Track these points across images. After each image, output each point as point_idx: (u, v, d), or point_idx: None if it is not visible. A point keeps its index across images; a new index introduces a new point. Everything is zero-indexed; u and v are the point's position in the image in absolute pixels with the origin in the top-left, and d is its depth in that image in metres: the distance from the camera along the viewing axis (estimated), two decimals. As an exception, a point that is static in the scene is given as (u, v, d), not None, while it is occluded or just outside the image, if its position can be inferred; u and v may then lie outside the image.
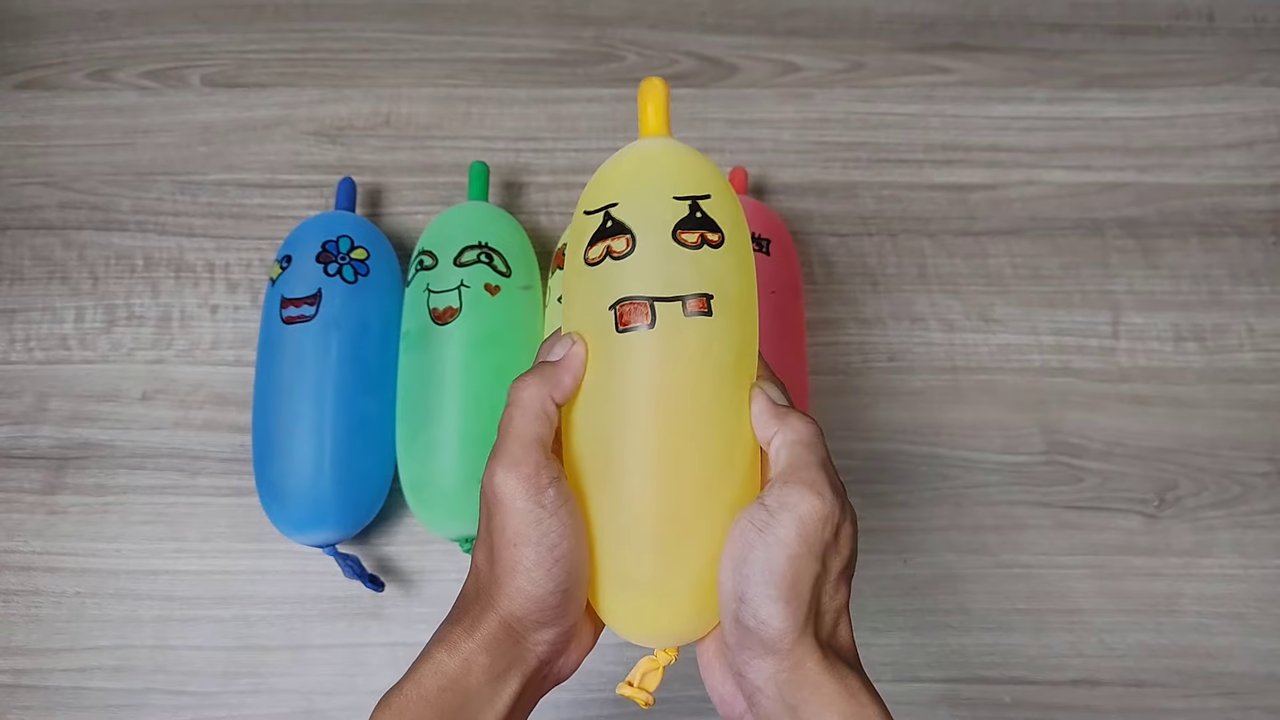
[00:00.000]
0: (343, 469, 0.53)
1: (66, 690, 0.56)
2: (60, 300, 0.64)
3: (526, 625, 0.33)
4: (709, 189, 0.35)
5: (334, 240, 0.56)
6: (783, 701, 0.31)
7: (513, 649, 0.33)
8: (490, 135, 0.68)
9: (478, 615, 0.33)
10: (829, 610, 0.33)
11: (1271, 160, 0.67)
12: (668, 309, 0.33)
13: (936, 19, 0.71)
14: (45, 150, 0.67)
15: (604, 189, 0.35)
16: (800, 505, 0.31)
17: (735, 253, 0.34)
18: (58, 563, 0.58)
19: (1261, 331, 0.63)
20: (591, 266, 0.34)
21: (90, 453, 0.60)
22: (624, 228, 0.33)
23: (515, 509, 0.32)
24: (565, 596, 0.32)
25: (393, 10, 0.71)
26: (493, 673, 0.32)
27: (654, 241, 0.33)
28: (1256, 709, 0.56)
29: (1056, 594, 0.58)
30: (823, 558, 0.31)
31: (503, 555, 0.32)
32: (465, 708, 0.32)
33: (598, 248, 0.34)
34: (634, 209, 0.34)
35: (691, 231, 0.33)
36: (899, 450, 0.60)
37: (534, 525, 0.31)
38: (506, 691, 0.33)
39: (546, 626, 0.33)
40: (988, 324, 0.63)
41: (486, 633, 0.32)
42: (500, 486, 0.32)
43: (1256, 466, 0.60)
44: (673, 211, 0.34)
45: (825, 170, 0.67)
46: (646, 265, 0.33)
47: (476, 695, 0.32)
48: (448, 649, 0.32)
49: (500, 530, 0.32)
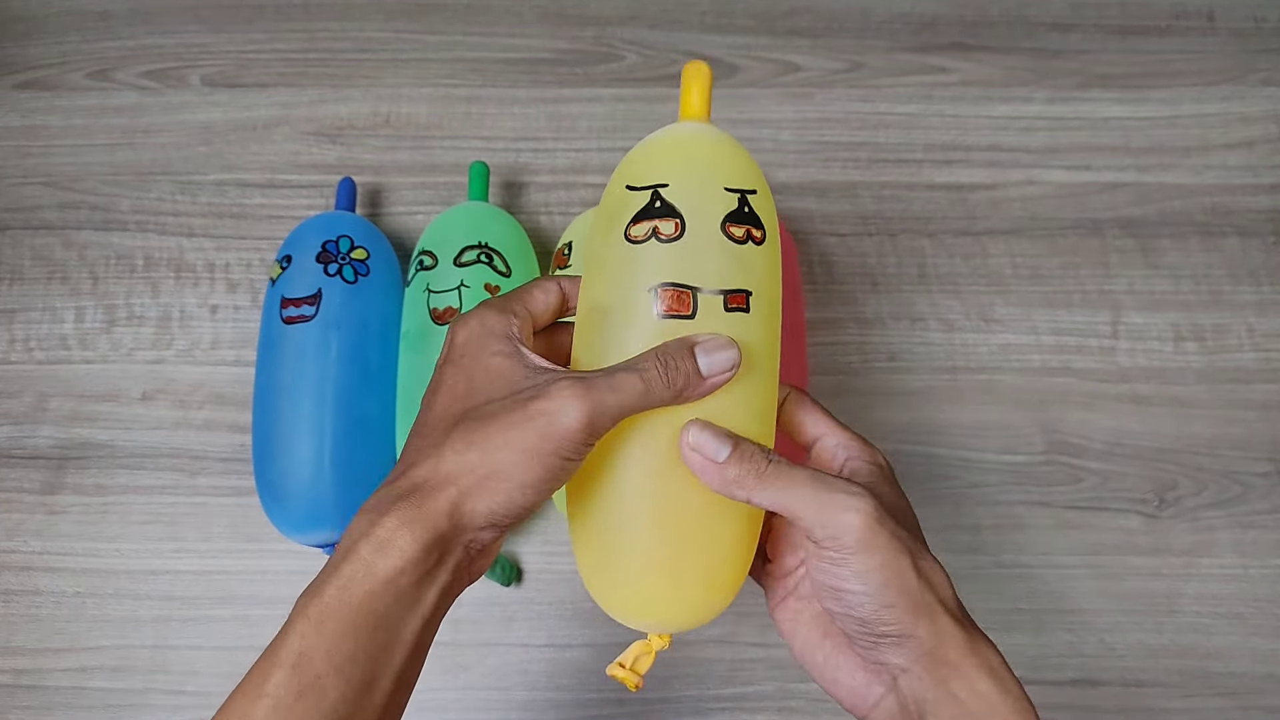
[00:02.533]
0: (343, 469, 0.53)
1: (66, 690, 0.56)
2: (60, 300, 0.64)
3: (477, 523, 0.31)
4: (755, 185, 0.35)
5: (334, 240, 0.56)
6: (932, 676, 0.31)
7: (449, 543, 0.31)
8: (490, 135, 0.68)
9: (419, 503, 0.30)
10: (934, 570, 0.33)
11: (1271, 160, 0.67)
12: (710, 301, 0.33)
13: (936, 19, 0.71)
14: (45, 150, 0.67)
15: (649, 166, 0.35)
16: (849, 533, 0.31)
17: (773, 252, 0.35)
18: (58, 563, 0.58)
19: (1261, 331, 0.63)
20: (633, 244, 0.33)
21: (90, 453, 0.60)
22: (674, 210, 0.33)
23: (558, 439, 0.30)
24: (531, 512, 0.32)
25: (393, 10, 0.71)
26: (424, 570, 0.30)
27: (703, 231, 0.33)
28: (1256, 709, 0.56)
29: (1056, 594, 0.58)
30: (903, 542, 0.32)
31: (500, 457, 0.30)
32: (391, 611, 0.30)
33: (643, 226, 0.33)
34: (685, 194, 0.33)
35: (739, 226, 0.33)
36: (898, 450, 0.60)
37: (557, 459, 0.30)
38: (433, 590, 0.31)
39: (493, 529, 0.31)
40: (988, 324, 0.63)
41: (429, 526, 0.30)
42: (563, 409, 0.30)
43: (1256, 466, 0.60)
44: (724, 203, 0.33)
45: (825, 170, 0.67)
46: (695, 254, 0.33)
47: (405, 597, 0.30)
48: (378, 547, 0.29)
49: (520, 433, 0.30)
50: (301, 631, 0.29)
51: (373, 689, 0.29)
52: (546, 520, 0.59)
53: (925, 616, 0.31)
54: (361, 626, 0.29)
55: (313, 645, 0.29)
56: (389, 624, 0.30)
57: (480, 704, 0.55)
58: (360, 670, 0.29)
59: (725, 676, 0.56)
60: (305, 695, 0.28)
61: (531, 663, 0.56)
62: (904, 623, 0.31)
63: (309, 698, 0.28)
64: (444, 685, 0.56)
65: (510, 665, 0.56)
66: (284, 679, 0.28)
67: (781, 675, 0.56)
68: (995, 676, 0.31)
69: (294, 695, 0.28)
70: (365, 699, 0.29)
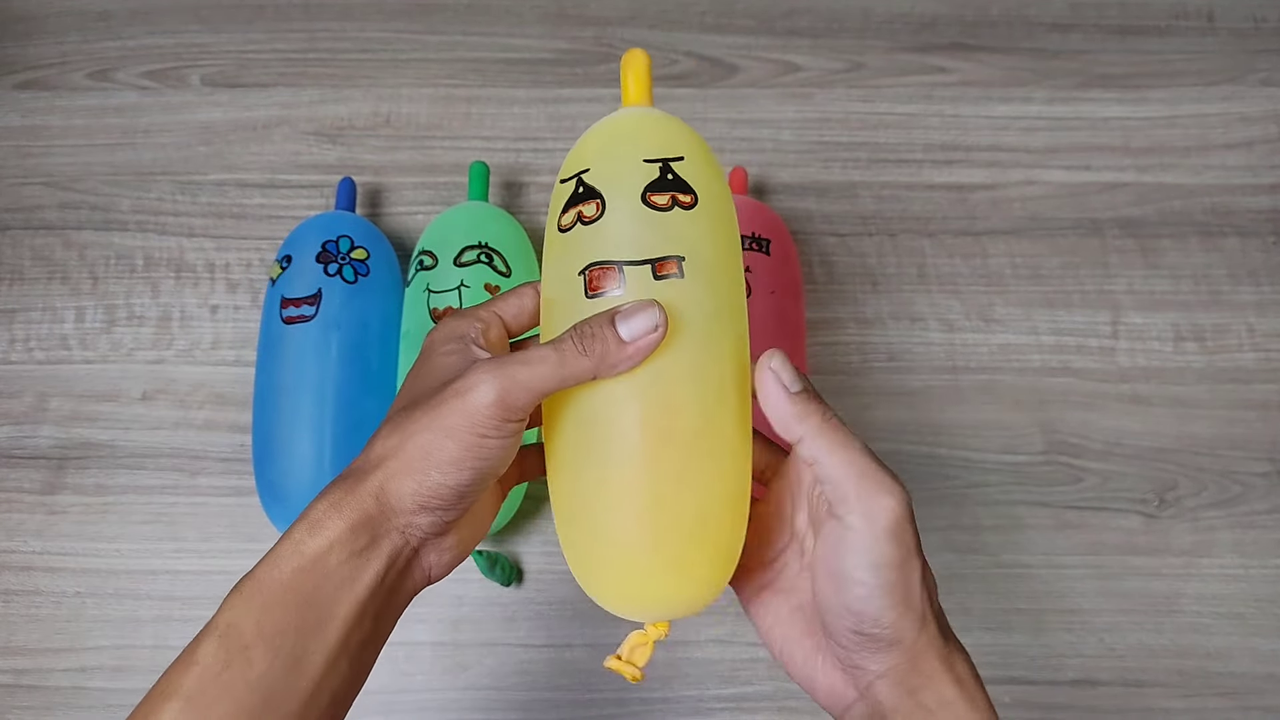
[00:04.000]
0: (342, 469, 0.53)
1: (66, 690, 0.56)
2: (60, 300, 0.64)
3: (405, 506, 0.31)
4: (682, 151, 0.34)
5: (334, 240, 0.56)
6: (903, 686, 0.31)
7: (381, 525, 0.31)
8: (490, 135, 0.68)
9: (351, 487, 0.31)
10: (931, 579, 0.33)
11: (1271, 160, 0.67)
12: (637, 272, 0.32)
13: (936, 19, 0.71)
14: (45, 150, 0.67)
15: (578, 156, 0.35)
16: (886, 515, 0.31)
17: (710, 214, 0.34)
18: (58, 563, 0.58)
19: (1261, 331, 0.63)
20: (563, 233, 0.34)
21: (90, 453, 0.60)
22: (594, 192, 0.33)
23: (472, 414, 0.30)
24: (462, 495, 0.32)
25: (393, 10, 0.71)
26: (353, 549, 0.31)
27: (623, 205, 0.33)
28: (1256, 709, 0.56)
29: (1056, 594, 0.58)
30: (918, 547, 0.32)
31: (422, 440, 0.31)
32: (320, 589, 0.30)
33: (569, 214, 0.34)
34: (604, 173, 0.34)
35: (662, 194, 0.33)
36: (899, 450, 0.60)
37: (474, 436, 0.30)
38: (367, 573, 0.31)
39: (428, 513, 0.32)
40: (988, 324, 0.63)
41: (357, 507, 0.31)
42: (475, 388, 0.30)
43: (1256, 466, 0.60)
44: (642, 174, 0.33)
45: (825, 170, 0.67)
46: (615, 229, 0.33)
47: (334, 575, 0.30)
48: (309, 527, 0.31)
49: (438, 415, 0.31)
50: (233, 604, 0.30)
51: (301, 666, 0.30)
52: (546, 520, 0.59)
53: (917, 624, 0.31)
54: (290, 602, 0.30)
55: (241, 617, 0.29)
56: (318, 602, 0.30)
57: (480, 704, 0.55)
58: (289, 645, 0.29)
59: (725, 676, 0.56)
60: (232, 665, 0.29)
61: (531, 663, 0.56)
62: (898, 627, 0.31)
63: (235, 667, 0.29)
64: (444, 685, 0.56)
65: (510, 665, 0.56)
66: (213, 649, 0.29)
67: (781, 675, 0.56)
68: (961, 685, 0.31)
69: (221, 664, 0.29)
70: (293, 676, 0.29)
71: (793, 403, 0.32)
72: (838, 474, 0.31)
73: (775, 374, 0.32)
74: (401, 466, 0.31)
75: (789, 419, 0.32)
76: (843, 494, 0.31)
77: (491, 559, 0.55)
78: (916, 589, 0.31)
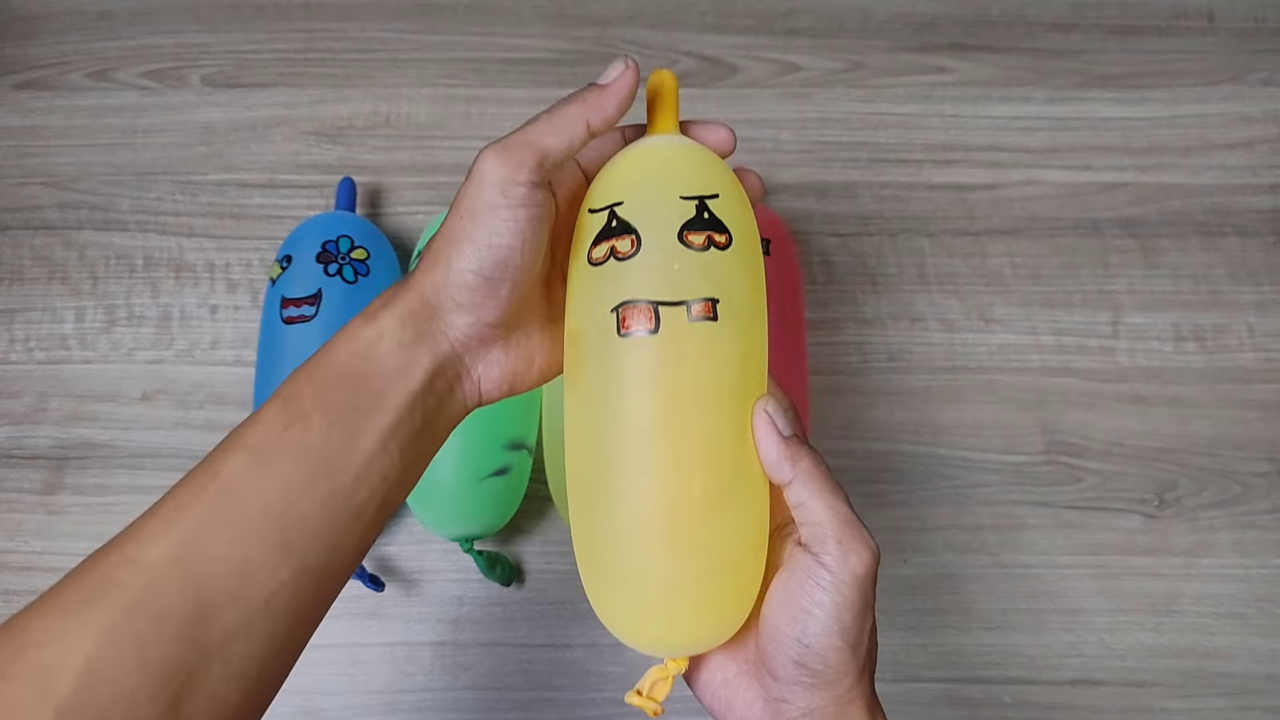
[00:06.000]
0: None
1: (66, 690, 0.56)
2: (60, 300, 0.64)
3: (442, 302, 0.33)
4: (717, 188, 0.34)
5: (334, 240, 0.56)
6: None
7: (426, 322, 0.33)
8: (490, 135, 0.67)
9: (402, 286, 0.33)
10: (874, 645, 0.34)
11: (1271, 160, 0.67)
12: (672, 313, 0.32)
13: (936, 19, 0.71)
14: (45, 150, 0.67)
15: (609, 187, 0.34)
16: (859, 564, 0.31)
17: (743, 255, 0.34)
18: (58, 563, 0.58)
19: (1261, 331, 0.63)
20: (595, 266, 0.33)
21: (90, 453, 0.60)
22: (629, 227, 0.33)
23: (481, 186, 0.32)
24: (485, 283, 0.32)
25: (393, 10, 0.71)
26: (403, 341, 0.32)
27: (659, 243, 0.32)
28: (1256, 709, 0.56)
29: (1056, 594, 0.58)
30: (874, 606, 0.33)
31: (447, 226, 0.33)
32: (373, 373, 0.32)
33: (602, 247, 0.33)
34: (639, 208, 0.33)
35: (699, 233, 0.33)
36: (899, 450, 0.60)
37: (486, 208, 0.32)
38: (418, 368, 0.32)
39: (462, 310, 0.33)
40: (987, 324, 0.63)
41: (404, 302, 0.33)
42: (481, 163, 0.32)
43: (1256, 466, 0.60)
44: (679, 212, 0.33)
45: (825, 170, 0.67)
46: (651, 267, 0.32)
47: (386, 362, 0.32)
48: (364, 318, 0.33)
49: (459, 203, 0.33)
50: (295, 378, 0.32)
51: (355, 441, 0.31)
52: (546, 520, 0.59)
53: (855, 672, 0.32)
54: (345, 381, 0.32)
55: (303, 389, 0.32)
56: (371, 385, 0.32)
57: (480, 704, 0.55)
58: (344, 419, 0.31)
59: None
60: (292, 426, 0.31)
61: (531, 663, 0.56)
62: (839, 669, 0.32)
63: (295, 429, 0.31)
64: (444, 685, 0.56)
65: (510, 665, 0.56)
66: (276, 411, 0.31)
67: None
68: None
69: (283, 425, 0.31)
70: (347, 447, 0.31)
71: (786, 446, 0.32)
72: (823, 518, 0.32)
73: (770, 418, 0.33)
74: (431, 260, 0.33)
75: (782, 462, 0.32)
76: (823, 536, 0.32)
77: (491, 559, 0.55)
78: (865, 640, 0.32)
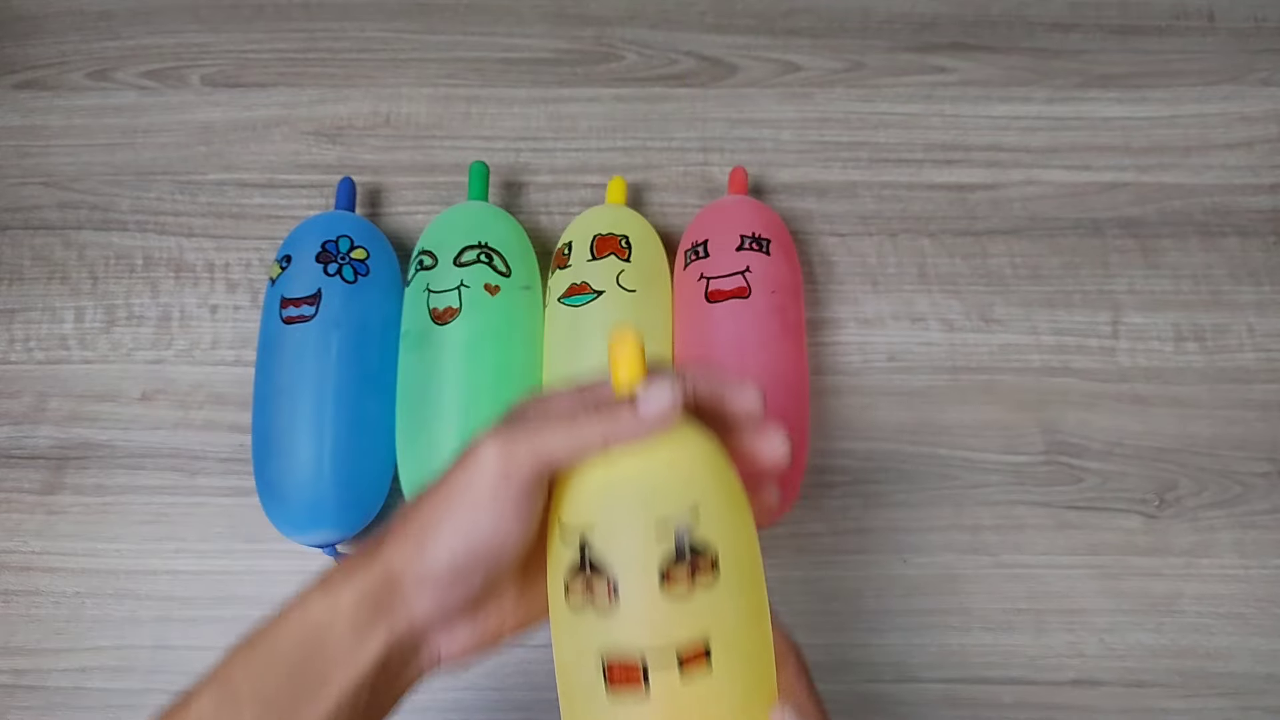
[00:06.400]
0: (343, 469, 0.53)
1: (66, 690, 0.56)
2: (60, 300, 0.64)
3: (407, 582, 0.31)
4: (695, 494, 0.31)
5: (334, 240, 0.56)
6: None
7: (386, 600, 0.31)
8: (490, 135, 0.68)
9: (367, 557, 0.32)
10: None
11: (1271, 160, 0.67)
12: (662, 672, 0.30)
13: (936, 19, 0.71)
14: (45, 150, 0.67)
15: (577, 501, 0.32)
16: None
17: (735, 573, 0.31)
18: (58, 563, 0.58)
19: (1261, 331, 0.63)
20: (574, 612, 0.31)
21: (90, 453, 0.60)
22: (602, 570, 0.30)
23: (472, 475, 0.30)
24: (456, 572, 0.31)
25: (393, 10, 0.71)
26: (357, 623, 0.31)
27: (638, 589, 0.30)
28: (1256, 709, 0.56)
29: (1056, 594, 0.58)
30: None
31: (427, 502, 0.31)
32: (319, 657, 0.30)
33: (577, 592, 0.31)
34: (610, 542, 0.30)
35: (681, 569, 0.30)
36: (899, 450, 0.60)
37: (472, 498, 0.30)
38: (369, 649, 0.31)
39: (426, 594, 0.31)
40: (988, 324, 0.63)
41: (365, 579, 0.31)
42: (480, 451, 0.30)
43: (1256, 466, 0.60)
44: (656, 545, 0.30)
45: (825, 170, 0.67)
46: (632, 618, 0.30)
47: (336, 645, 0.30)
48: (322, 588, 0.31)
49: (446, 481, 0.31)
50: (235, 657, 0.31)
51: None
52: (546, 520, 0.59)
53: None
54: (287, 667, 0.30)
55: (238, 673, 0.31)
56: (315, 670, 0.30)
57: (480, 704, 0.55)
58: (280, 708, 0.30)
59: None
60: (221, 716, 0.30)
61: (531, 663, 0.56)
62: None
63: None
64: (444, 685, 0.55)
65: (510, 665, 0.56)
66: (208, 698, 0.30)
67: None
68: None
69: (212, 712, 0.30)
70: None
71: None
72: None
73: None
74: (402, 535, 0.31)
75: None
76: None
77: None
78: None
